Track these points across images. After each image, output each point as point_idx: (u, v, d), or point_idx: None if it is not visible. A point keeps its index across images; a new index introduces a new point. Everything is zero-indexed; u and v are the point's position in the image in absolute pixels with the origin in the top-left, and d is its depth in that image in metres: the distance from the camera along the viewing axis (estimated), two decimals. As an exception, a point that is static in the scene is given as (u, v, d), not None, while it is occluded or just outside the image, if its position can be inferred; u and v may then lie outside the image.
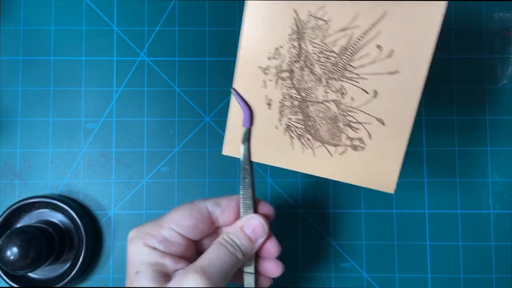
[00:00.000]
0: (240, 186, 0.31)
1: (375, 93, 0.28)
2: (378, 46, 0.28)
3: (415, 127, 0.44)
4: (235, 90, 0.30)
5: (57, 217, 0.42)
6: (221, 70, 0.44)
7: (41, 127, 0.44)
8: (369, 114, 0.29)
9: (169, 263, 0.29)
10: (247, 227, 0.31)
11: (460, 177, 0.43)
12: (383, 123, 0.29)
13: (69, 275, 0.40)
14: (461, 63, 0.44)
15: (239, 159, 0.31)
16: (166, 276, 0.28)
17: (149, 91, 0.44)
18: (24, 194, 0.43)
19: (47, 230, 0.39)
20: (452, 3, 0.44)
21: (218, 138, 0.44)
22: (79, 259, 0.40)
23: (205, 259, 0.28)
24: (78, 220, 0.41)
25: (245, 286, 0.33)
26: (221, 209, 0.31)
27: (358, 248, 0.43)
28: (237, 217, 0.32)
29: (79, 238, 0.41)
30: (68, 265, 0.41)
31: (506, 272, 0.42)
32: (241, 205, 0.31)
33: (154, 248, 0.29)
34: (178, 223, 0.30)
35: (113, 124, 0.44)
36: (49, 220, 0.42)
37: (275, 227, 0.43)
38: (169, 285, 0.27)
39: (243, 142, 0.30)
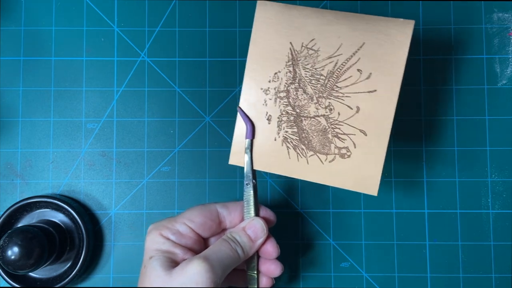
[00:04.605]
0: (244, 191, 0.35)
1: (358, 108, 0.33)
2: (359, 70, 0.33)
3: (415, 127, 0.44)
4: (240, 108, 0.35)
5: (58, 217, 0.42)
6: (221, 70, 0.44)
7: (42, 127, 0.44)
8: (353, 127, 0.34)
9: (179, 252, 0.33)
10: (249, 227, 0.34)
11: (460, 177, 0.43)
12: (365, 134, 0.33)
13: (69, 274, 0.40)
14: (461, 63, 0.44)
15: (243, 167, 0.35)
16: (175, 263, 0.32)
17: (150, 91, 0.44)
18: (25, 194, 0.43)
19: (48, 230, 0.39)
20: (452, 3, 0.45)
21: (219, 138, 0.44)
22: (79, 259, 0.41)
23: (209, 250, 0.32)
24: (79, 220, 0.41)
25: (249, 286, 0.36)
26: (228, 210, 0.35)
27: (357, 248, 0.43)
28: (242, 220, 0.36)
29: (80, 238, 0.41)
30: (69, 264, 0.42)
31: (505, 271, 0.42)
32: (244, 209, 0.35)
33: (168, 239, 0.33)
34: (191, 219, 0.34)
35: (114, 124, 0.44)
36: (50, 219, 0.42)
37: (275, 226, 0.43)
38: (176, 268, 0.31)
39: (246, 152, 0.35)
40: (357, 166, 0.34)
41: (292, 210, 0.44)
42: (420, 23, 0.45)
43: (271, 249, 0.35)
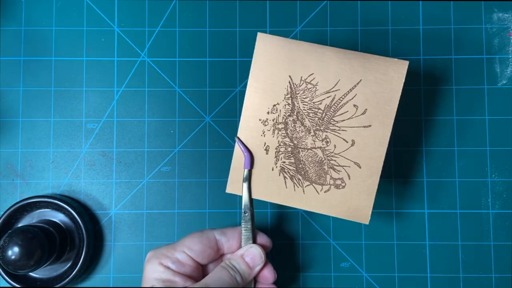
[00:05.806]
0: (242, 219, 0.36)
1: (353, 142, 0.35)
2: (355, 105, 0.35)
3: (415, 127, 0.44)
4: (238, 138, 0.36)
5: (58, 217, 0.42)
6: (221, 70, 0.44)
7: (42, 127, 0.44)
8: (348, 159, 0.35)
9: (179, 280, 0.33)
10: (247, 255, 0.35)
11: (460, 177, 0.43)
12: (359, 166, 0.35)
13: (70, 274, 0.40)
14: (461, 63, 0.44)
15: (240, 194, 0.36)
16: None
17: (150, 91, 0.44)
18: (25, 194, 0.43)
19: (48, 230, 0.39)
20: (452, 3, 0.45)
21: (219, 138, 0.44)
22: (80, 259, 0.41)
23: (209, 278, 0.33)
24: (79, 220, 0.41)
25: None
26: (226, 237, 0.36)
27: (357, 248, 0.43)
28: (239, 246, 0.36)
29: (80, 238, 0.42)
30: (69, 264, 0.42)
31: (505, 271, 0.42)
32: (243, 236, 0.36)
33: (168, 268, 0.34)
34: (190, 247, 0.35)
35: (114, 124, 0.44)
36: (50, 219, 0.42)
37: (276, 227, 0.43)
38: None
39: (244, 181, 0.36)
40: (351, 196, 0.35)
41: (292, 210, 0.44)
42: (420, 23, 0.45)
43: (268, 275, 0.36)
